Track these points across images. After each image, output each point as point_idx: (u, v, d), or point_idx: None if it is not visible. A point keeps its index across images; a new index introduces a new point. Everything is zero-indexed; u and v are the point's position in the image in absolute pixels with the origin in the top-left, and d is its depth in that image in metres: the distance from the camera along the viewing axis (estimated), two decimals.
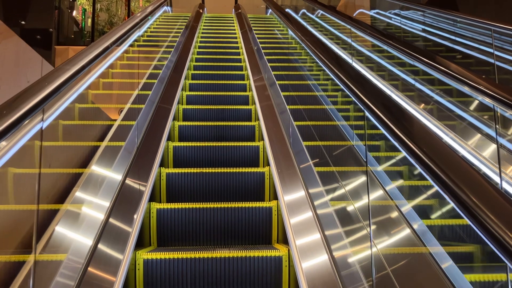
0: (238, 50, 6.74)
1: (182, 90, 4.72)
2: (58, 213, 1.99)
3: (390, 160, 2.97)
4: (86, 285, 1.69)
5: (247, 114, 4.25)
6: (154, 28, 7.95)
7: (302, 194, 2.48)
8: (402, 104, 3.98)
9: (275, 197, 2.74)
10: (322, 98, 4.31)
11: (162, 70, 4.63)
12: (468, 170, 1.11)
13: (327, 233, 2.09)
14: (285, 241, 2.41)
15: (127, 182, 2.51)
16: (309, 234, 2.13)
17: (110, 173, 2.51)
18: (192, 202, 2.56)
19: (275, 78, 4.42)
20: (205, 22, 9.11)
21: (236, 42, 7.39)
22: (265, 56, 5.33)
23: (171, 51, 5.51)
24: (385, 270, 1.65)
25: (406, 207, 2.28)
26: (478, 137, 3.10)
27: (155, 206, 2.49)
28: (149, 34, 7.44)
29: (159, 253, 2.06)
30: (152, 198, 2.73)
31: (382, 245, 1.85)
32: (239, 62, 6.08)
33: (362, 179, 2.32)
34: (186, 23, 7.58)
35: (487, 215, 0.94)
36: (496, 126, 2.57)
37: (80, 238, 1.95)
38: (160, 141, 3.23)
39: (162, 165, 3.19)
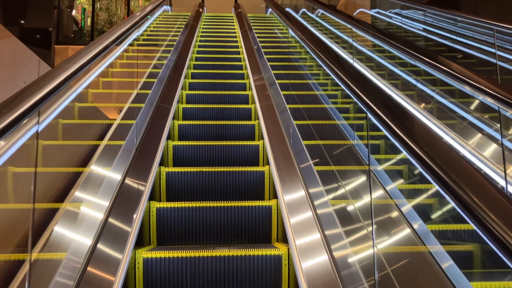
0: (238, 49, 6.73)
1: (182, 89, 4.71)
2: (57, 212, 1.99)
3: (391, 159, 2.96)
4: (85, 284, 1.69)
5: (247, 113, 4.25)
6: (154, 27, 7.95)
7: (301, 193, 2.48)
8: (404, 104, 3.97)
9: (275, 196, 2.73)
10: (322, 97, 4.30)
11: (161, 70, 4.62)
12: (468, 169, 1.10)
13: (327, 232, 2.09)
14: (284, 240, 2.41)
15: (127, 181, 2.51)
16: (308, 233, 2.13)
17: (109, 172, 2.50)
18: (192, 201, 2.56)
19: (275, 77, 4.42)
20: (204, 21, 9.10)
21: (236, 41, 7.38)
22: (265, 55, 5.32)
23: (171, 50, 5.50)
24: (385, 270, 1.65)
25: (407, 207, 2.28)
26: (481, 138, 3.09)
27: (155, 205, 2.48)
28: (148, 33, 7.43)
29: (159, 252, 2.06)
30: (151, 197, 2.73)
31: (383, 245, 1.85)
32: (239, 61, 6.07)
33: (363, 179, 2.32)
34: (186, 23, 7.57)
35: (489, 216, 0.93)
36: (501, 129, 2.54)
37: (79, 237, 1.95)
38: (160, 140, 3.23)
39: (162, 164, 3.18)
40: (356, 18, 5.59)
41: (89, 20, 12.22)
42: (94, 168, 2.43)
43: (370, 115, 1.65)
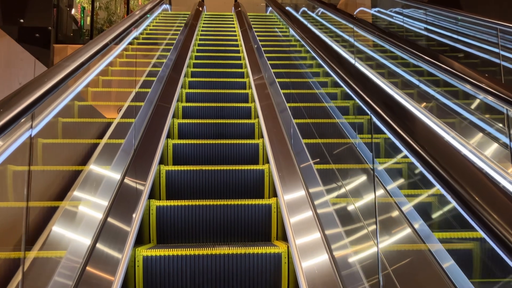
0: (238, 48, 6.72)
1: (182, 87, 4.71)
2: (57, 211, 1.99)
3: (391, 157, 2.96)
4: (85, 283, 1.69)
5: (247, 112, 4.25)
6: (154, 25, 7.94)
7: (301, 191, 2.47)
8: (405, 103, 3.95)
9: (275, 194, 2.73)
10: (322, 96, 4.30)
11: (161, 68, 4.62)
12: (470, 169, 1.10)
13: (327, 231, 2.09)
14: (284, 238, 2.41)
15: (126, 180, 2.51)
16: (308, 231, 2.13)
17: (109, 170, 2.50)
18: (191, 200, 2.56)
19: (275, 76, 4.41)
20: (204, 20, 9.09)
21: (236, 40, 7.37)
22: (265, 54, 5.32)
23: (171, 49, 5.50)
24: (386, 270, 1.64)
25: (407, 206, 2.27)
26: (484, 137, 3.07)
27: (155, 203, 2.48)
28: (148, 32, 7.43)
29: (159, 250, 2.06)
30: (151, 195, 2.73)
31: (383, 245, 1.84)
32: (239, 60, 6.07)
33: (363, 178, 2.31)
34: (185, 21, 7.56)
35: (492, 216, 0.93)
36: (509, 131, 2.50)
37: (79, 235, 1.95)
38: (159, 138, 3.23)
39: (161, 162, 3.18)
40: (357, 17, 5.56)
41: (88, 19, 12.21)
42: (94, 166, 2.42)
43: (376, 120, 1.63)
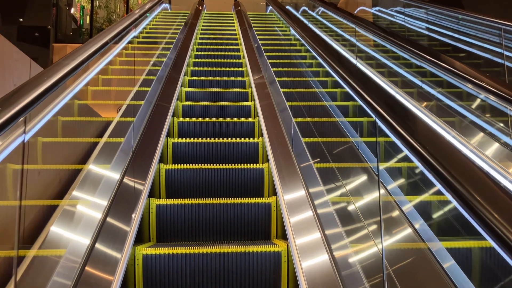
0: (238, 47, 6.72)
1: (182, 86, 4.71)
2: (57, 209, 1.99)
3: (391, 158, 2.96)
4: (84, 281, 1.69)
5: (247, 111, 4.25)
6: (154, 24, 7.94)
7: (301, 190, 2.47)
8: (405, 103, 3.95)
9: (274, 193, 2.73)
10: (322, 95, 4.30)
11: (161, 67, 4.62)
12: (471, 168, 1.09)
13: (327, 231, 2.09)
14: (284, 236, 2.41)
15: (126, 178, 2.51)
16: (308, 230, 2.13)
17: (109, 168, 2.50)
18: (191, 198, 2.56)
19: (275, 75, 4.41)
20: (204, 19, 9.09)
21: (235, 39, 7.37)
22: (265, 53, 5.32)
23: (170, 48, 5.50)
24: (386, 271, 1.64)
25: (408, 206, 2.27)
26: (486, 139, 3.05)
27: (155, 202, 2.48)
28: (148, 31, 7.42)
29: (159, 248, 2.06)
30: (151, 194, 2.73)
31: (383, 245, 1.84)
32: (239, 59, 6.07)
33: (364, 177, 2.31)
34: (185, 20, 7.56)
35: (487, 209, 0.93)
36: None
37: (79, 233, 1.95)
38: (159, 137, 3.23)
39: (161, 161, 3.18)
40: (358, 16, 5.54)
41: (88, 18, 12.20)
42: (94, 164, 2.42)
43: (381, 124, 1.60)
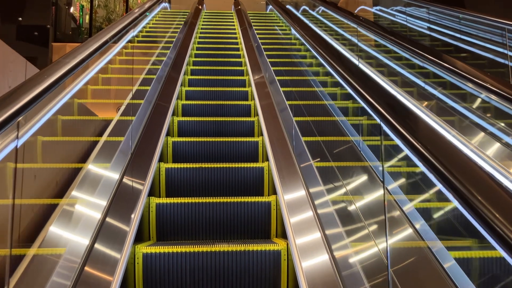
0: (237, 46, 6.72)
1: (181, 85, 4.71)
2: (57, 208, 1.98)
3: (391, 158, 2.95)
4: (83, 283, 1.69)
5: (247, 110, 4.25)
6: (153, 23, 7.93)
7: (301, 189, 2.47)
8: (406, 103, 3.93)
9: (274, 192, 2.73)
10: (322, 94, 4.30)
11: (160, 67, 4.62)
12: (472, 167, 1.09)
13: (327, 231, 2.09)
14: (283, 235, 2.41)
15: (126, 177, 2.50)
16: (308, 229, 2.13)
17: (109, 167, 2.50)
18: (191, 197, 2.56)
19: (275, 74, 4.41)
20: (204, 18, 9.08)
21: (235, 38, 7.37)
22: (264, 52, 5.31)
23: (170, 48, 5.50)
24: (386, 271, 1.63)
25: (408, 206, 2.26)
26: (486, 138, 3.03)
27: (154, 200, 2.48)
28: (148, 30, 7.42)
29: (158, 247, 2.06)
30: (151, 193, 2.72)
31: (382, 245, 1.84)
32: (239, 58, 6.07)
33: (364, 177, 2.31)
34: (185, 20, 7.55)
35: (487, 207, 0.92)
36: None
37: (79, 233, 1.95)
38: (159, 136, 3.22)
39: (161, 160, 3.18)
40: (359, 16, 5.53)
41: (87, 17, 12.19)
42: (94, 163, 2.42)
43: (387, 129, 1.58)
